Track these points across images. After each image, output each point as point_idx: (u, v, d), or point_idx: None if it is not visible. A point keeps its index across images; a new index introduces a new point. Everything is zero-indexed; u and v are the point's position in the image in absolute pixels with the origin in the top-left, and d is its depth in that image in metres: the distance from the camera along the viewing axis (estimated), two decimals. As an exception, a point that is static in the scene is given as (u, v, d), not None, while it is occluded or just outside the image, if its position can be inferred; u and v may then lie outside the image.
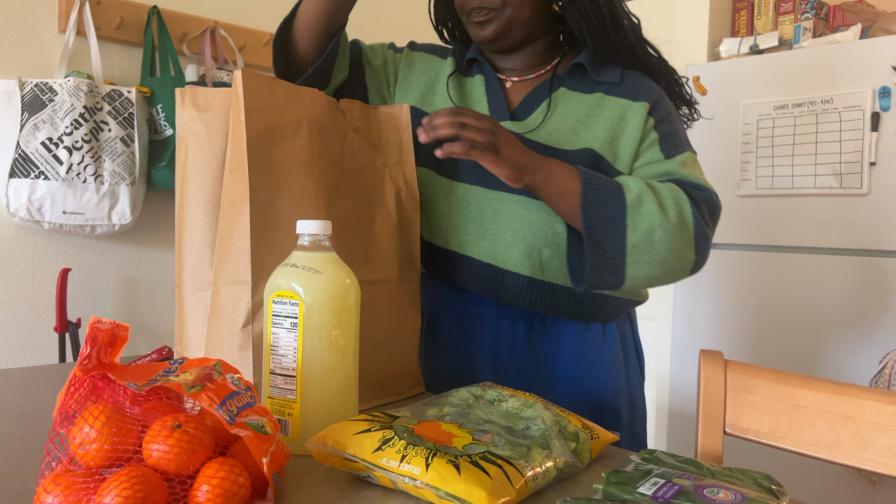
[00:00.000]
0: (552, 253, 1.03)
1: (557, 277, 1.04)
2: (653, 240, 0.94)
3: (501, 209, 1.04)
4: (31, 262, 2.05)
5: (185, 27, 2.27)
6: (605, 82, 1.07)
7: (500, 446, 0.65)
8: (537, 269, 1.04)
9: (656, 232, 0.94)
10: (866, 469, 0.85)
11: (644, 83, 1.08)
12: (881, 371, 1.91)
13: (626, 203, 0.95)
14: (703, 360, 0.96)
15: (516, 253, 1.03)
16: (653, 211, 0.94)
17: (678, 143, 1.06)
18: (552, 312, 1.06)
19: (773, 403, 0.91)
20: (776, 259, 2.18)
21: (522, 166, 0.94)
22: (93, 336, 0.60)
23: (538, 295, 1.05)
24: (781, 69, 2.17)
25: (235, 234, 0.82)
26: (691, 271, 1.00)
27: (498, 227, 1.04)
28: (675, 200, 0.97)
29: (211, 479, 0.54)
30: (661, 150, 1.05)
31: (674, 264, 0.97)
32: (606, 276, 0.96)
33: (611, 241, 0.94)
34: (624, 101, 1.06)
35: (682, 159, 1.04)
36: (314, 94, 0.91)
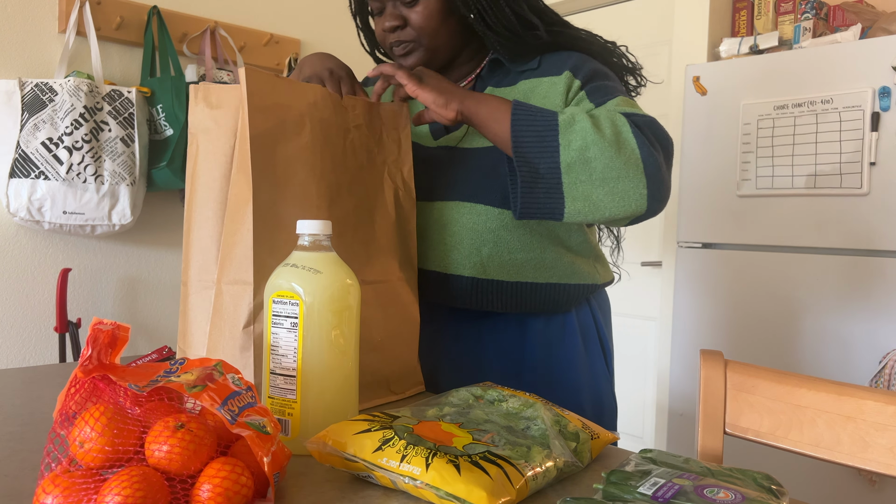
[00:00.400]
0: (491, 250, 1.05)
1: (499, 273, 1.06)
2: (587, 157, 0.90)
3: (440, 216, 1.06)
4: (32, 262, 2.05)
5: (185, 27, 2.27)
6: (525, 70, 1.08)
7: (500, 446, 0.65)
8: (479, 269, 1.05)
9: (590, 149, 0.90)
10: (866, 469, 0.85)
11: (562, 56, 1.07)
12: (881, 371, 1.91)
13: (557, 122, 0.92)
14: (703, 360, 0.96)
15: (457, 256, 1.05)
16: (585, 128, 0.91)
17: (608, 92, 1.02)
18: (500, 308, 1.07)
19: (773, 403, 0.91)
20: (776, 259, 2.18)
21: (450, 91, 0.97)
22: (94, 337, 0.60)
23: (484, 293, 1.06)
24: (781, 69, 2.17)
25: (239, 233, 0.82)
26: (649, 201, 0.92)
27: (440, 234, 1.06)
28: (611, 121, 0.92)
29: (213, 478, 0.55)
30: (589, 101, 1.02)
31: (618, 186, 0.91)
32: (541, 198, 0.93)
33: (543, 161, 0.91)
34: (545, 79, 1.05)
35: (616, 101, 1.00)
36: (318, 90, 0.91)
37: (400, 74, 0.97)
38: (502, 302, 1.07)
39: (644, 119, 0.95)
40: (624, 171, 0.90)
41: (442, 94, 0.96)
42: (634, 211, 0.92)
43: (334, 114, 0.93)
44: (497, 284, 1.06)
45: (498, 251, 1.05)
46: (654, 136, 0.94)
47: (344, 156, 0.94)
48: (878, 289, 1.99)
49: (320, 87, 0.92)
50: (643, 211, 0.93)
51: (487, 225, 1.04)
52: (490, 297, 1.07)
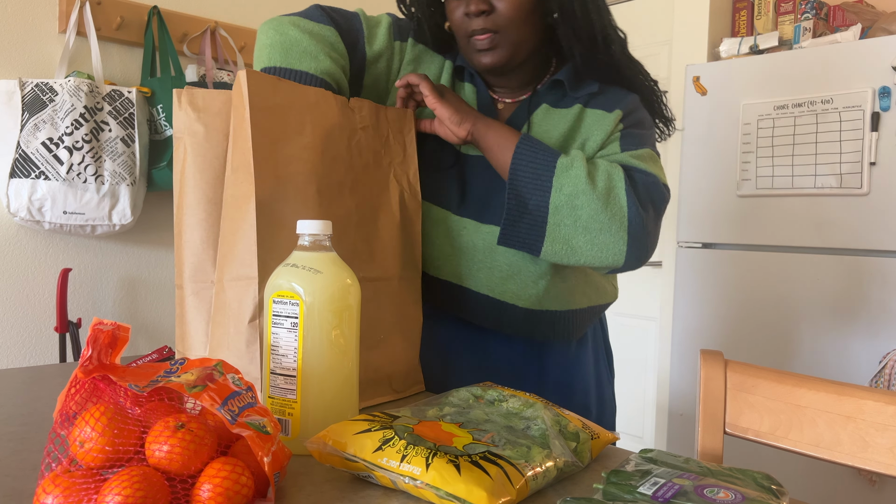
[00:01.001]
0: (548, 283, 1.04)
1: (555, 304, 1.06)
2: (575, 204, 0.93)
3: (492, 242, 1.03)
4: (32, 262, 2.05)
5: (185, 27, 2.27)
6: (583, 94, 1.06)
7: (500, 446, 0.65)
8: (534, 301, 1.04)
9: (579, 197, 0.93)
10: (866, 469, 0.85)
11: (621, 94, 1.07)
12: (881, 371, 1.91)
13: (556, 164, 0.95)
14: (703, 360, 0.96)
15: (513, 286, 1.04)
16: (579, 176, 0.93)
17: (638, 143, 1.03)
18: (552, 336, 1.08)
19: (773, 403, 0.91)
20: (776, 259, 2.18)
21: (464, 111, 0.99)
22: (94, 337, 0.60)
23: (537, 323, 1.06)
24: (781, 69, 2.17)
25: (241, 230, 0.82)
26: (627, 257, 0.95)
27: (493, 260, 1.04)
28: (607, 175, 0.94)
29: (213, 478, 0.55)
30: (619, 145, 1.03)
31: (598, 238, 0.93)
32: (523, 231, 0.95)
33: (533, 198, 0.94)
34: (599, 112, 1.05)
35: (638, 153, 1.02)
36: (320, 92, 0.91)
37: (424, 85, 1.00)
38: (555, 331, 1.08)
39: (645, 177, 0.97)
40: (607, 225, 0.93)
41: (458, 112, 0.99)
42: (610, 264, 0.96)
43: (339, 115, 0.93)
44: (552, 315, 1.06)
45: (554, 282, 1.04)
46: (648, 196, 0.97)
47: (349, 156, 0.94)
48: (878, 289, 1.99)
49: (322, 89, 0.92)
50: (619, 265, 0.96)
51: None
52: (542, 326, 1.07)
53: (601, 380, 1.18)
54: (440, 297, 1.08)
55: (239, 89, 0.83)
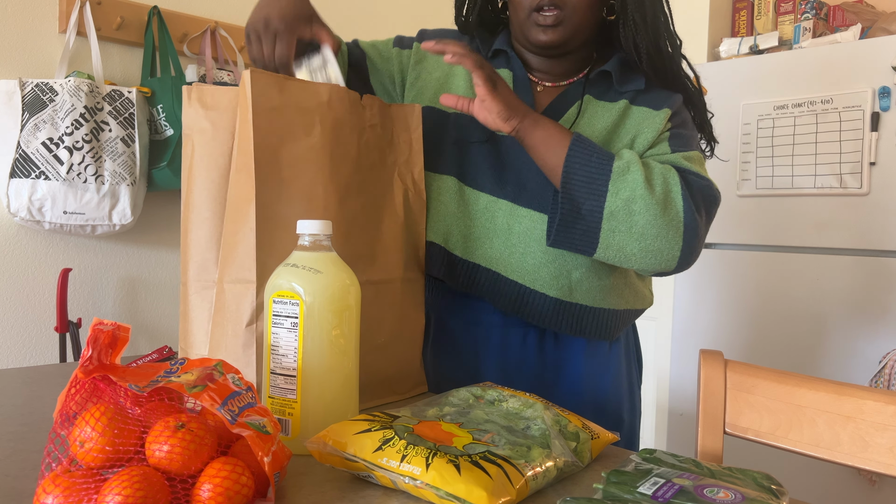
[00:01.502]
0: (582, 275, 1.01)
1: (585, 298, 1.03)
2: (632, 210, 0.90)
3: (532, 228, 1.01)
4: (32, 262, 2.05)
5: (185, 27, 2.27)
6: (629, 90, 1.05)
7: (500, 446, 0.65)
8: (565, 291, 1.02)
9: (637, 203, 0.90)
10: (866, 469, 0.85)
11: (666, 93, 1.05)
12: (881, 371, 1.91)
13: (612, 168, 0.91)
14: (703, 360, 0.96)
15: (545, 274, 1.01)
16: (637, 181, 0.90)
17: (685, 144, 1.03)
18: (577, 333, 1.05)
19: (773, 403, 0.91)
20: (776, 259, 2.18)
21: (514, 107, 0.94)
22: (94, 337, 0.60)
23: (564, 316, 1.03)
24: (781, 69, 2.17)
25: (241, 233, 0.82)
26: (679, 262, 0.94)
27: (527, 245, 1.01)
28: (664, 179, 0.93)
29: (213, 478, 0.55)
30: (668, 145, 1.02)
31: (654, 244, 0.92)
32: (576, 237, 0.93)
33: (587, 203, 0.91)
34: (646, 109, 1.03)
35: (688, 154, 1.01)
36: (333, 90, 0.89)
37: (478, 73, 0.91)
38: (581, 327, 1.04)
39: (699, 181, 0.96)
40: (664, 232, 0.91)
41: (508, 107, 0.93)
42: (662, 269, 0.95)
43: (349, 113, 0.91)
44: (581, 309, 1.03)
45: (588, 275, 1.02)
46: (703, 200, 0.95)
47: (358, 155, 0.93)
48: (878, 289, 1.99)
49: (336, 85, 0.90)
50: (671, 269, 0.95)
51: None
52: (570, 320, 1.03)
53: (633, 389, 1.16)
54: (466, 281, 1.04)
55: (243, 89, 0.82)
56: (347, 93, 0.92)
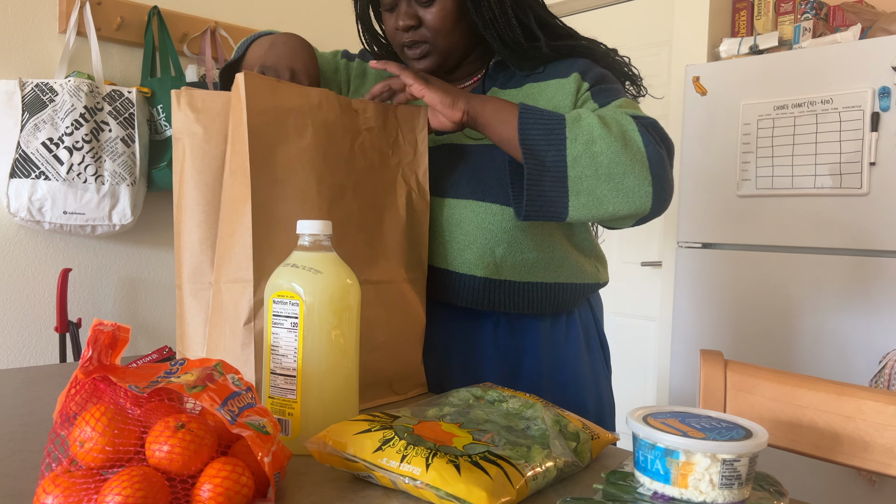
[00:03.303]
0: (505, 251, 1.03)
1: (512, 274, 1.05)
2: (594, 151, 0.91)
3: (451, 214, 1.04)
4: (32, 262, 2.05)
5: (185, 27, 2.27)
6: (530, 74, 1.08)
7: (500, 446, 0.65)
8: (492, 269, 1.04)
9: (597, 143, 0.91)
10: (866, 469, 0.85)
11: (568, 62, 1.08)
12: (881, 371, 1.91)
13: (565, 118, 0.93)
14: (703, 360, 0.96)
15: (470, 256, 1.03)
16: (592, 123, 0.92)
17: (612, 94, 1.03)
18: (512, 308, 1.06)
19: (773, 403, 0.91)
20: (776, 259, 2.18)
21: (454, 93, 0.97)
22: (94, 338, 0.60)
23: (495, 294, 1.05)
24: (781, 69, 2.17)
25: (237, 233, 0.82)
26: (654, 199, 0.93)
27: (451, 232, 1.04)
28: (616, 120, 0.94)
29: (213, 478, 0.55)
30: (594, 101, 1.03)
31: (623, 182, 0.92)
32: (546, 191, 0.93)
33: (549, 154, 0.92)
34: (553, 81, 1.06)
35: (619, 102, 1.01)
36: (324, 94, 0.91)
37: (406, 74, 0.97)
38: (514, 303, 1.06)
39: (648, 120, 0.96)
40: (630, 167, 0.91)
41: (448, 94, 0.97)
42: (638, 208, 0.93)
43: (340, 116, 0.93)
44: (510, 285, 1.05)
45: (511, 251, 1.04)
46: (659, 136, 0.96)
47: (351, 157, 0.94)
48: (878, 289, 1.99)
49: (327, 90, 0.92)
50: (647, 209, 0.93)
51: (502, 225, 1.03)
52: (502, 297, 1.05)
53: (598, 377, 1.16)
54: None
55: (237, 91, 0.83)
56: (337, 97, 0.93)
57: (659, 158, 0.92)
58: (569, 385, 1.11)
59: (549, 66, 1.09)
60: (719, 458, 0.57)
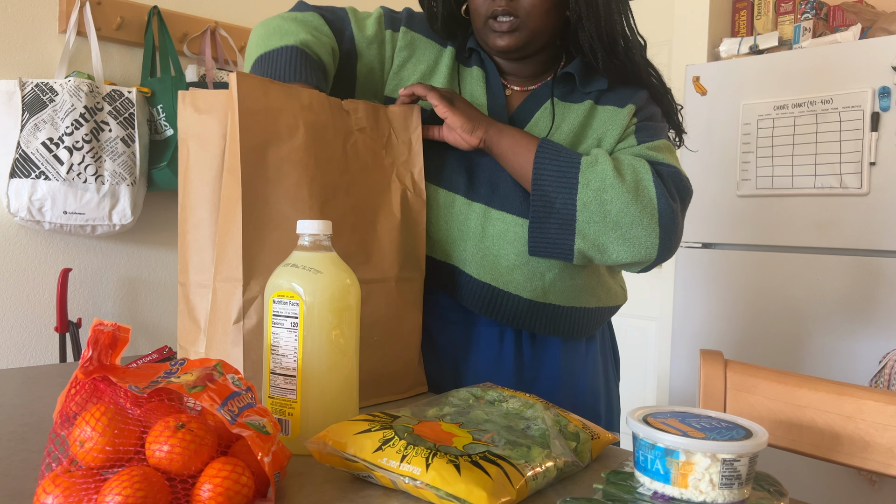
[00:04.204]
0: (555, 276, 1.02)
1: (559, 299, 1.04)
2: (604, 199, 0.91)
3: (505, 231, 1.01)
4: (32, 262, 2.05)
5: (185, 27, 2.27)
6: (593, 91, 1.06)
7: (500, 446, 0.65)
8: (539, 293, 1.02)
9: (608, 192, 0.91)
10: (866, 469, 0.85)
11: (631, 90, 1.06)
12: (881, 371, 1.91)
13: (580, 161, 0.94)
14: (703, 360, 0.96)
15: (519, 277, 1.01)
16: (606, 171, 0.92)
17: (653, 135, 1.04)
18: (552, 332, 1.06)
19: (773, 403, 0.91)
20: (776, 259, 2.18)
21: (476, 118, 0.98)
22: (94, 338, 0.60)
23: (538, 316, 1.04)
24: (781, 69, 2.17)
25: (230, 232, 0.83)
26: (659, 250, 0.94)
27: (500, 248, 1.02)
28: (633, 168, 0.94)
29: (213, 478, 0.55)
30: (635, 138, 1.03)
31: (630, 232, 0.92)
32: (552, 233, 0.94)
33: (560, 196, 0.93)
34: (612, 108, 1.05)
35: (655, 144, 1.02)
36: (313, 94, 0.91)
37: (432, 95, 0.98)
38: (554, 326, 1.05)
39: (669, 169, 0.97)
40: (638, 219, 0.92)
41: (470, 120, 0.98)
42: (643, 258, 0.94)
43: (332, 117, 0.93)
44: (553, 309, 1.04)
45: (562, 277, 1.02)
46: (675, 188, 0.96)
47: (345, 157, 0.94)
48: (878, 289, 1.99)
49: (314, 91, 0.92)
50: (652, 258, 0.95)
51: None
52: (544, 320, 1.04)
53: (609, 384, 1.17)
54: (441, 281, 1.06)
55: (231, 92, 0.84)
56: (328, 98, 0.93)
57: (670, 211, 0.93)
58: (586, 394, 1.11)
59: (613, 88, 1.07)
60: (719, 458, 0.57)
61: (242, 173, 0.82)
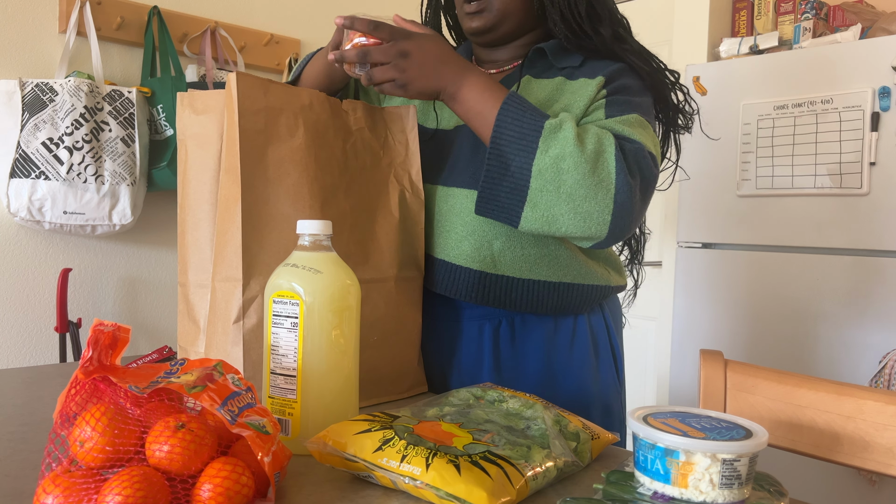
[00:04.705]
0: (503, 245, 1.01)
1: (510, 269, 1.02)
2: (560, 168, 0.87)
3: (454, 205, 1.02)
4: (32, 262, 2.05)
5: (185, 27, 2.27)
6: (566, 67, 1.06)
7: (500, 446, 0.65)
8: (488, 263, 1.01)
9: (566, 160, 0.87)
10: (866, 469, 0.85)
11: (605, 63, 1.05)
12: (881, 371, 1.91)
13: (543, 125, 0.89)
14: (703, 360, 0.96)
15: (467, 247, 1.01)
16: (567, 138, 0.88)
17: (623, 109, 0.99)
18: (509, 306, 1.04)
19: (773, 403, 0.91)
20: (776, 259, 2.18)
21: (435, 91, 0.93)
22: (94, 338, 0.60)
23: (491, 289, 1.02)
24: (781, 69, 2.17)
25: (229, 232, 0.83)
26: (610, 229, 0.90)
27: (451, 223, 1.03)
28: (597, 139, 0.89)
29: (213, 478, 0.55)
30: (604, 112, 0.99)
31: (582, 206, 0.88)
32: (502, 194, 0.90)
33: (516, 160, 0.89)
34: (581, 80, 1.03)
35: (625, 119, 0.97)
36: (313, 94, 0.92)
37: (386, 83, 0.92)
38: (511, 300, 1.03)
39: (634, 146, 0.93)
40: (593, 193, 0.88)
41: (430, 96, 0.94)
42: (592, 234, 0.90)
43: (331, 117, 0.94)
44: (507, 281, 1.02)
45: (510, 245, 1.01)
46: (637, 166, 0.92)
47: (344, 157, 0.95)
48: (878, 289, 1.99)
49: (315, 91, 0.93)
50: (603, 236, 0.90)
51: None
52: (498, 294, 1.03)
53: (607, 389, 1.12)
54: None
55: (229, 92, 0.84)
56: (328, 98, 0.94)
57: (627, 188, 0.88)
58: (571, 393, 1.08)
59: (587, 62, 1.06)
60: (719, 458, 0.57)
61: (242, 173, 0.83)
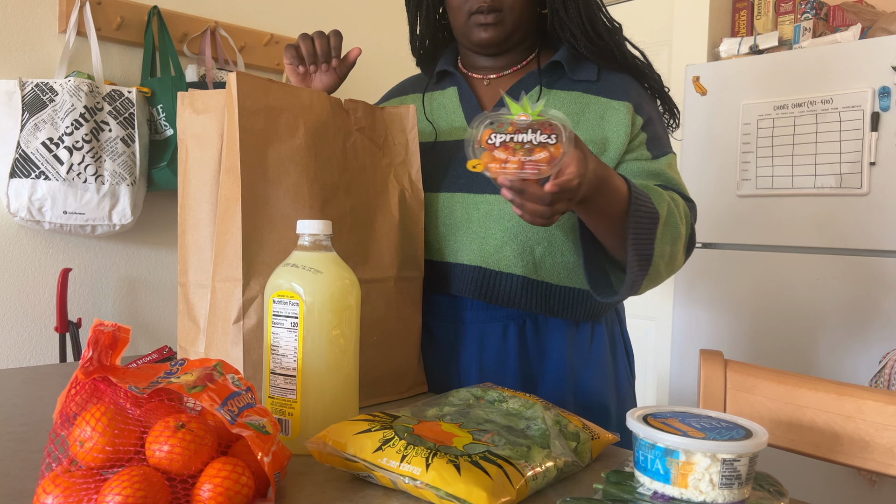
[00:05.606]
0: (544, 250, 1.03)
1: (551, 276, 1.04)
2: (673, 251, 0.97)
3: (489, 211, 1.03)
4: (32, 262, 2.05)
5: (185, 27, 2.27)
6: (582, 80, 1.08)
7: (500, 446, 0.65)
8: (530, 269, 1.03)
9: (676, 244, 0.97)
10: (866, 469, 0.85)
11: (620, 82, 1.09)
12: (881, 371, 1.91)
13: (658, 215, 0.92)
14: (703, 360, 0.96)
15: (508, 253, 1.02)
16: (676, 223, 0.97)
17: (663, 146, 1.08)
18: (547, 311, 1.05)
19: (773, 403, 0.91)
20: (776, 259, 2.18)
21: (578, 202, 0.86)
22: (95, 338, 0.60)
23: (533, 294, 1.04)
24: (781, 69, 2.17)
25: (229, 232, 0.83)
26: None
27: (487, 228, 1.03)
28: (686, 217, 1.01)
29: (213, 478, 0.55)
30: (648, 150, 1.06)
31: (674, 265, 1.00)
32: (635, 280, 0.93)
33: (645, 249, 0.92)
34: (603, 99, 1.06)
35: (668, 161, 1.08)
36: (314, 94, 0.91)
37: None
38: (550, 306, 1.05)
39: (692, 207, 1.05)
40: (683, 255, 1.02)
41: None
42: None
43: (332, 116, 0.93)
44: (548, 288, 1.04)
45: (551, 251, 1.03)
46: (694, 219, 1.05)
47: (344, 157, 0.94)
48: (878, 289, 1.99)
49: (315, 90, 0.92)
50: None
51: None
52: (538, 298, 1.04)
53: (621, 381, 1.15)
54: (439, 282, 1.07)
55: (230, 92, 0.84)
56: (329, 97, 0.94)
57: (694, 240, 1.04)
58: (593, 390, 1.10)
59: (602, 76, 1.09)
60: (719, 458, 0.57)
61: (242, 173, 0.82)
